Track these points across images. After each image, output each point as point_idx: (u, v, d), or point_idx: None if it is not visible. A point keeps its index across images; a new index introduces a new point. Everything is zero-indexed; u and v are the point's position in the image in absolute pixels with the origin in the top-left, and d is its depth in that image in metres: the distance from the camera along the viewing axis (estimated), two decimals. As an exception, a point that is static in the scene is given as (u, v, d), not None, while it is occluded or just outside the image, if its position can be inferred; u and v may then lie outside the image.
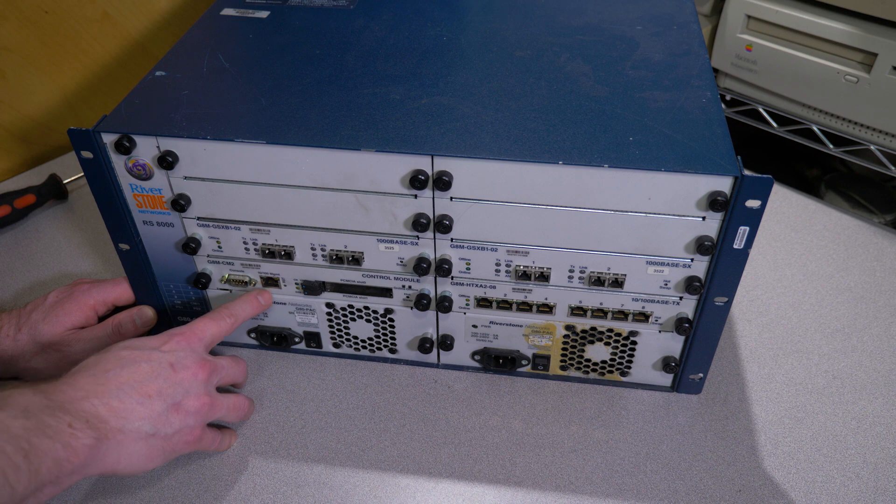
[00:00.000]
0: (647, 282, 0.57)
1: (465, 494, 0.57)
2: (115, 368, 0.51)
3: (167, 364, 0.53)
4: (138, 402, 0.50)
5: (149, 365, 0.52)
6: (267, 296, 0.63)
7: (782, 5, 0.91)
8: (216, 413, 0.56)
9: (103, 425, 0.48)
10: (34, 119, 0.94)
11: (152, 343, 0.54)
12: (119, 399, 0.50)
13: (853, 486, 0.58)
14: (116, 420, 0.49)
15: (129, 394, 0.50)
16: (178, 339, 0.55)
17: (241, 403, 0.59)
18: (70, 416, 0.46)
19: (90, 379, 0.50)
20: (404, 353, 0.67)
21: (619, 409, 0.64)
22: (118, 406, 0.49)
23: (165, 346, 0.54)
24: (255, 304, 0.62)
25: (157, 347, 0.54)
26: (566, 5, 0.73)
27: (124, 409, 0.49)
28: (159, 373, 0.52)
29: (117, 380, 0.50)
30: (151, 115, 0.56)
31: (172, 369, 0.53)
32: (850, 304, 0.73)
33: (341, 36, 0.67)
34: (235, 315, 0.60)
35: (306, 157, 0.54)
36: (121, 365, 0.51)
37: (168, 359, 0.53)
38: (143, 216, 0.60)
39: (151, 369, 0.52)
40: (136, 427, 0.50)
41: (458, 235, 0.57)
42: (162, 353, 0.54)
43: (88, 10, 0.93)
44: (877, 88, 0.86)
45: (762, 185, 0.49)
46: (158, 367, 0.52)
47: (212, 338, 0.58)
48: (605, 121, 0.55)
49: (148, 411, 0.51)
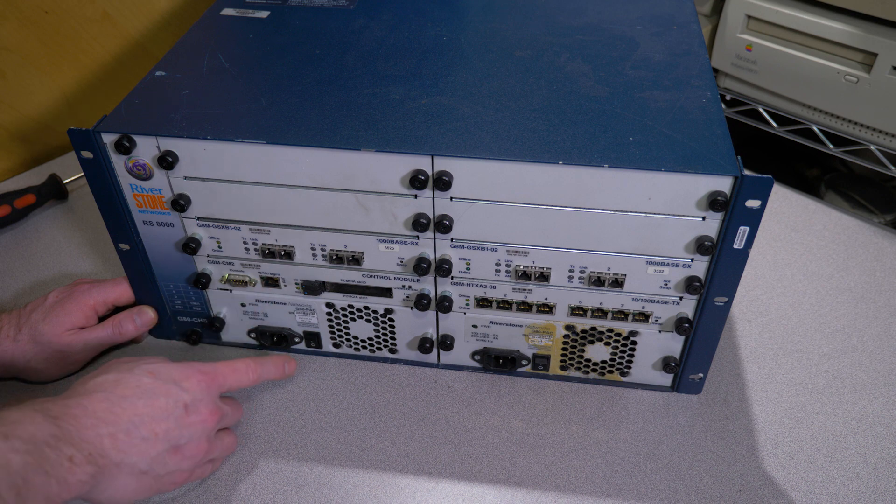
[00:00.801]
0: (647, 282, 0.57)
1: (465, 494, 0.57)
2: (132, 397, 0.50)
3: (182, 405, 0.52)
4: (143, 438, 0.50)
5: (165, 401, 0.51)
6: (293, 366, 0.63)
7: (782, 5, 0.91)
8: (209, 457, 0.55)
9: (103, 460, 0.47)
10: (34, 119, 0.94)
11: (175, 374, 0.53)
12: (126, 432, 0.49)
13: (853, 486, 0.58)
14: (117, 454, 0.48)
15: (138, 427, 0.49)
16: (199, 379, 0.54)
17: (232, 445, 0.58)
18: (73, 448, 0.46)
19: (104, 404, 0.49)
20: (404, 353, 0.67)
21: (619, 409, 0.64)
22: (124, 440, 0.48)
23: (186, 382, 0.53)
24: (280, 371, 0.62)
25: (178, 382, 0.53)
26: (566, 5, 0.73)
27: (128, 444, 0.49)
28: (172, 412, 0.51)
29: (132, 410, 0.50)
30: (151, 115, 0.56)
31: (185, 412, 0.52)
32: (850, 304, 0.73)
33: (341, 36, 0.67)
34: (260, 375, 0.59)
35: (306, 157, 0.54)
36: (138, 394, 0.50)
37: (185, 399, 0.52)
38: (143, 216, 0.60)
39: (166, 407, 0.51)
40: (132, 462, 0.49)
41: (458, 235, 0.57)
42: (181, 391, 0.52)
43: (88, 10, 0.93)
44: (877, 88, 0.86)
45: (762, 185, 0.49)
46: (173, 407, 0.52)
47: (230, 387, 0.57)
48: (605, 121, 0.55)
49: (149, 449, 0.50)
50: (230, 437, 0.58)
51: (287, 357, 0.63)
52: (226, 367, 0.57)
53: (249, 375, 0.58)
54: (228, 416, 0.57)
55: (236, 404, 0.60)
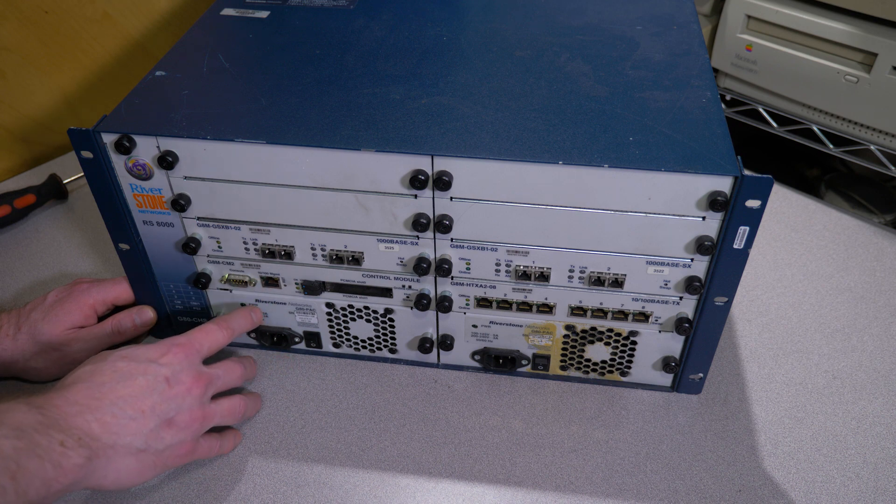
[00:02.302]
0: (647, 282, 0.57)
1: (465, 494, 0.57)
2: (110, 381, 0.51)
3: (163, 378, 0.53)
4: (131, 417, 0.50)
5: (145, 379, 0.52)
6: (258, 313, 0.64)
7: (782, 5, 0.91)
8: (209, 424, 0.56)
9: (95, 443, 0.48)
10: (34, 119, 0.94)
11: (150, 354, 0.54)
12: (113, 414, 0.49)
13: (853, 486, 0.58)
14: (109, 436, 0.49)
15: (123, 409, 0.50)
16: (175, 351, 0.55)
17: (237, 407, 0.58)
18: (63, 433, 0.46)
19: (85, 392, 0.49)
20: (404, 353, 0.67)
21: (619, 409, 0.64)
22: (111, 422, 0.49)
23: (163, 358, 0.54)
24: (248, 320, 0.63)
25: (155, 360, 0.53)
26: (566, 5, 0.73)
27: (117, 425, 0.49)
28: (154, 388, 0.52)
29: (113, 394, 0.50)
30: (151, 115, 0.56)
31: (168, 384, 0.53)
32: (850, 304, 0.73)
33: (341, 36, 0.67)
34: (232, 328, 0.60)
35: (306, 157, 0.54)
36: (117, 378, 0.51)
37: (164, 373, 0.53)
38: (143, 216, 0.60)
39: (147, 384, 0.52)
40: (126, 443, 0.49)
41: (458, 235, 0.57)
42: (159, 367, 0.53)
43: (88, 10, 0.93)
44: (877, 88, 0.86)
45: (762, 185, 0.49)
46: (154, 382, 0.52)
47: (209, 349, 0.57)
48: (605, 121, 0.55)
49: (140, 427, 0.50)
50: (233, 399, 0.58)
51: (250, 307, 0.64)
52: (199, 333, 0.57)
53: (224, 332, 0.59)
54: (222, 379, 0.58)
55: (231, 364, 0.60)
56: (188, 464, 0.58)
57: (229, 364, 0.60)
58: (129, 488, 0.54)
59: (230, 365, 0.60)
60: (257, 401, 0.63)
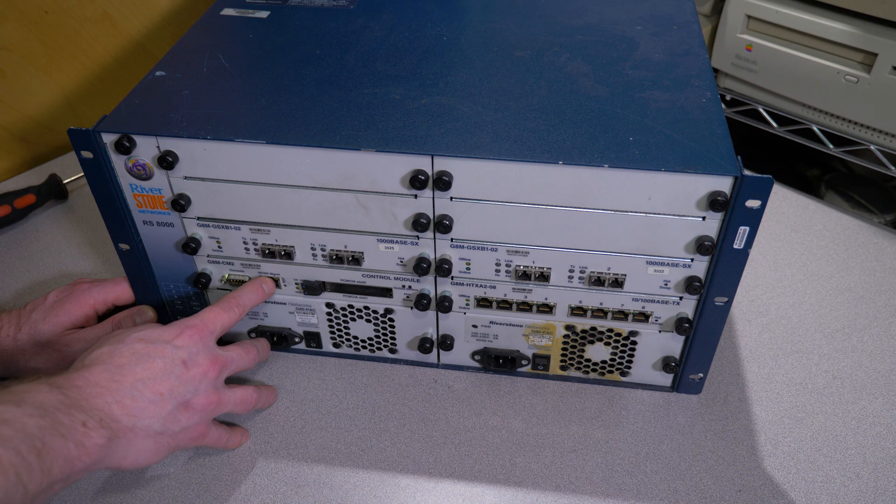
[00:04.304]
0: (647, 282, 0.57)
1: (465, 494, 0.57)
2: (129, 363, 0.51)
3: (180, 361, 0.53)
4: (150, 400, 0.50)
5: (162, 361, 0.52)
6: (270, 284, 0.63)
7: (782, 5, 0.91)
8: (223, 409, 0.56)
9: (116, 424, 0.48)
10: (34, 119, 0.94)
11: (165, 336, 0.54)
12: (132, 397, 0.50)
13: (853, 486, 0.58)
14: (128, 419, 0.49)
15: (142, 391, 0.50)
16: (190, 333, 0.55)
17: (249, 397, 0.59)
18: (85, 414, 0.46)
19: (105, 374, 0.50)
20: (404, 353, 0.67)
21: (619, 409, 0.64)
22: (131, 404, 0.49)
23: (178, 339, 0.54)
24: (259, 293, 0.62)
25: (170, 341, 0.54)
26: (566, 5, 0.73)
27: (136, 408, 0.50)
28: (172, 370, 0.52)
29: (132, 376, 0.50)
30: (151, 115, 0.56)
31: (185, 367, 0.53)
32: (850, 304, 0.73)
33: (341, 36, 0.67)
34: (243, 305, 0.60)
35: (306, 157, 0.54)
36: (135, 360, 0.51)
37: (181, 355, 0.53)
38: (143, 216, 0.60)
39: (165, 366, 0.52)
40: (146, 425, 0.50)
41: (458, 235, 0.57)
42: (175, 349, 0.53)
43: (88, 10, 0.93)
44: (877, 88, 0.86)
45: (762, 185, 0.49)
46: (171, 365, 0.52)
47: (222, 329, 0.58)
48: (605, 121, 0.55)
49: (159, 410, 0.51)
50: (246, 389, 0.59)
51: (261, 278, 0.63)
52: (210, 314, 0.57)
53: (235, 310, 0.59)
54: (236, 362, 0.58)
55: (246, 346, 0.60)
56: (187, 462, 0.59)
57: (244, 347, 0.60)
58: (145, 467, 0.54)
59: (245, 347, 0.60)
60: (272, 393, 0.63)
